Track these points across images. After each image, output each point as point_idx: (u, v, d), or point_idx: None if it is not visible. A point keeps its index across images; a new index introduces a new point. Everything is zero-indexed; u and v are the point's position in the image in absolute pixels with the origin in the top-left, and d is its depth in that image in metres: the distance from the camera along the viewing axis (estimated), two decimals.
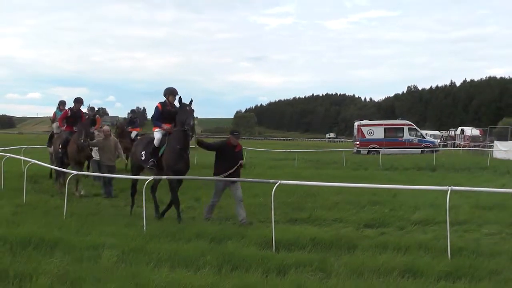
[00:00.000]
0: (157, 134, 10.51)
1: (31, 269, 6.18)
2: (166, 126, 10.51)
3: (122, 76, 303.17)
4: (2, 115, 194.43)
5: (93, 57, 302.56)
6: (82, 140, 13.43)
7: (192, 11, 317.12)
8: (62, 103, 17.13)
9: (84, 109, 17.44)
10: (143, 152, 10.67)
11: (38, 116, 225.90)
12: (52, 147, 15.93)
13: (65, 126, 14.67)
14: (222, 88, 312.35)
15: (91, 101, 16.93)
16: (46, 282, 5.80)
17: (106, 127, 14.82)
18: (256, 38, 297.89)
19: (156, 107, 10.78)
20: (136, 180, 10.74)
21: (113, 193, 13.61)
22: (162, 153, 10.35)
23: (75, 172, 12.24)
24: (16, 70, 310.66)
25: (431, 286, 5.97)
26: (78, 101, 14.88)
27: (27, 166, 13.00)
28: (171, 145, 10.24)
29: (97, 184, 15.22)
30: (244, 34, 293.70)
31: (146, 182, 9.64)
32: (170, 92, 10.75)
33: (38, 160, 13.25)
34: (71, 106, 14.96)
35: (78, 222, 9.27)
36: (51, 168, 14.61)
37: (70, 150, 13.89)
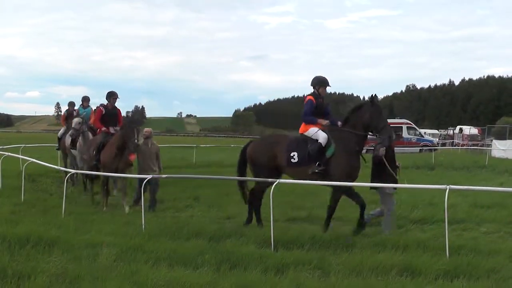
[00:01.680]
0: (321, 133, 9.11)
1: (30, 267, 6.17)
2: (323, 121, 9.32)
3: (122, 75, 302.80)
4: (1, 113, 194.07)
5: (94, 56, 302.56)
6: (136, 142, 11.08)
7: (193, 11, 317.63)
8: (85, 99, 15.61)
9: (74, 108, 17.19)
10: (295, 154, 9.17)
11: (37, 114, 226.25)
12: (68, 150, 14.98)
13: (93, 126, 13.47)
14: (222, 87, 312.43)
15: (91, 100, 16.68)
16: (44, 281, 5.79)
17: (148, 128, 12.25)
18: (256, 37, 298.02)
19: (309, 101, 9.41)
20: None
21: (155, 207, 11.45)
22: (330, 155, 9.01)
23: (76, 172, 12.27)
24: (16, 69, 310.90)
25: (429, 285, 5.99)
26: (113, 96, 12.56)
27: (25, 165, 12.98)
28: (346, 147, 9.03)
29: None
30: (244, 33, 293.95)
31: (144, 181, 9.65)
32: (321, 83, 9.49)
33: (36, 159, 13.23)
34: (105, 103, 12.61)
35: (77, 221, 9.27)
36: (85, 179, 13.54)
37: (106, 157, 11.53)
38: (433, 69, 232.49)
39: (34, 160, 12.91)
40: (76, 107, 16.11)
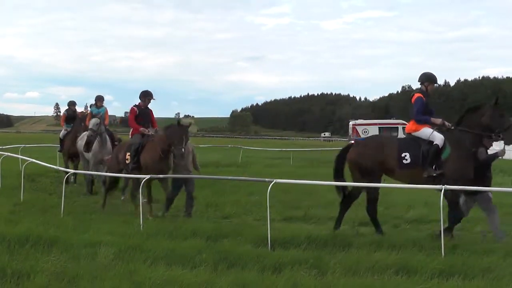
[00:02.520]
0: (437, 135, 8.65)
1: (29, 267, 6.20)
2: (436, 120, 8.89)
3: (120, 76, 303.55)
4: (0, 114, 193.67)
5: (92, 56, 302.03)
6: (183, 151, 10.25)
7: (191, 12, 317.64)
8: (100, 99, 14.75)
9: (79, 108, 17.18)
10: (406, 155, 8.69)
11: (36, 115, 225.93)
12: (80, 153, 14.25)
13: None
14: (220, 88, 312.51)
15: (89, 100, 16.79)
16: (43, 280, 5.82)
17: None
18: (254, 38, 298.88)
19: (419, 98, 8.93)
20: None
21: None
22: (446, 158, 8.61)
23: (76, 172, 12.29)
24: (15, 69, 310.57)
25: (425, 284, 6.01)
26: (148, 96, 11.59)
27: (24, 165, 13.01)
28: (462, 148, 8.66)
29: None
30: (242, 34, 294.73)
31: (143, 181, 9.69)
32: (430, 79, 9.07)
33: (35, 159, 13.26)
34: (137, 103, 11.63)
35: (76, 220, 9.32)
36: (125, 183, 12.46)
37: (149, 159, 10.68)
38: (428, 70, 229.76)
39: (33, 160, 12.96)
40: (84, 108, 16.16)
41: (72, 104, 16.49)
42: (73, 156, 15.59)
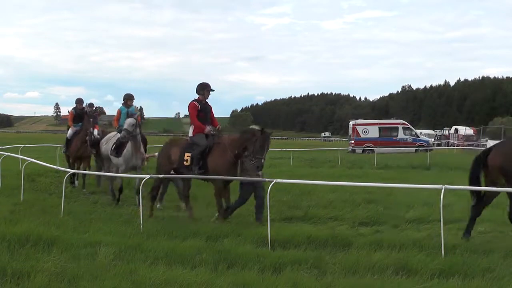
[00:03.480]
0: None
1: (29, 267, 6.21)
2: None
3: (120, 76, 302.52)
4: (0, 114, 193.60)
5: (92, 57, 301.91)
6: (263, 162, 9.43)
7: (190, 12, 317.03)
8: (130, 97, 13.10)
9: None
10: None
11: (36, 115, 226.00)
12: (104, 156, 13.02)
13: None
14: (219, 88, 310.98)
15: (89, 100, 16.52)
16: (43, 280, 5.83)
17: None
18: (253, 38, 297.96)
19: None
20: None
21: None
22: None
23: (76, 172, 12.27)
24: (15, 69, 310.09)
25: (425, 284, 6.02)
26: (206, 88, 10.32)
27: (24, 165, 13.01)
28: None
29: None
30: (242, 34, 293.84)
31: (143, 181, 9.69)
32: None
33: (35, 159, 13.27)
34: (197, 97, 10.36)
35: (76, 220, 9.32)
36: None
37: (220, 165, 9.66)
38: (428, 70, 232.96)
39: (33, 160, 12.97)
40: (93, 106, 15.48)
41: (79, 102, 15.55)
42: (80, 159, 14.86)
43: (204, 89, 10.25)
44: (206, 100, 10.36)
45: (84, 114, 14.92)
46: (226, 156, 9.61)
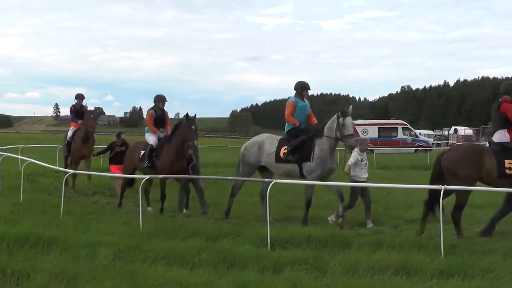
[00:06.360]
0: None
1: (28, 267, 6.21)
2: None
3: (120, 76, 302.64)
4: (0, 114, 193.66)
5: (92, 57, 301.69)
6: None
7: (191, 12, 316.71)
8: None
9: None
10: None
11: (36, 115, 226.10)
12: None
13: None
14: (220, 88, 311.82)
15: (90, 100, 16.63)
16: (43, 280, 5.84)
17: None
18: (254, 38, 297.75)
19: None
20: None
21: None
22: None
23: (76, 172, 12.26)
24: (15, 69, 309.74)
25: (425, 284, 6.02)
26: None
27: (24, 165, 13.01)
28: None
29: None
30: (242, 34, 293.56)
31: (143, 181, 9.70)
32: None
33: (35, 159, 13.27)
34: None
35: (75, 221, 9.32)
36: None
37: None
38: (428, 70, 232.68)
39: (33, 160, 12.97)
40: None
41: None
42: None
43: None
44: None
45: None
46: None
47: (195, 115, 10.96)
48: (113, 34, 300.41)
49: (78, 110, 14.65)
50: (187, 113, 10.85)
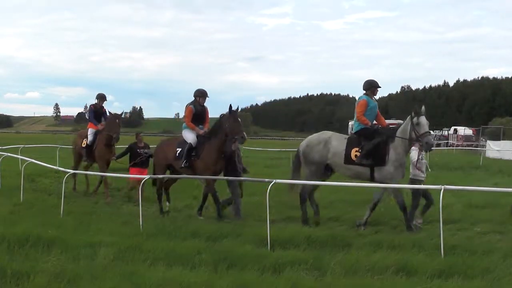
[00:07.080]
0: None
1: (29, 267, 6.22)
2: None
3: (120, 76, 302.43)
4: (0, 114, 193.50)
5: (92, 57, 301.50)
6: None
7: (191, 12, 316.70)
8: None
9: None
10: None
11: (36, 115, 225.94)
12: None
13: None
14: (220, 88, 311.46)
15: (89, 100, 16.59)
16: (43, 280, 5.84)
17: None
18: (254, 38, 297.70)
19: None
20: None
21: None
22: None
23: (76, 172, 12.24)
24: (15, 69, 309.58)
25: (425, 284, 6.03)
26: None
27: (24, 165, 13.01)
28: None
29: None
30: (242, 34, 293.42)
31: (143, 181, 9.70)
32: None
33: (35, 159, 13.27)
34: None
35: (75, 221, 9.32)
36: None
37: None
38: (428, 70, 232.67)
39: (33, 160, 12.97)
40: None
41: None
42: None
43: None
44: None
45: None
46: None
47: (238, 108, 10.41)
48: (113, 34, 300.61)
49: (98, 111, 13.82)
50: (230, 105, 10.21)
